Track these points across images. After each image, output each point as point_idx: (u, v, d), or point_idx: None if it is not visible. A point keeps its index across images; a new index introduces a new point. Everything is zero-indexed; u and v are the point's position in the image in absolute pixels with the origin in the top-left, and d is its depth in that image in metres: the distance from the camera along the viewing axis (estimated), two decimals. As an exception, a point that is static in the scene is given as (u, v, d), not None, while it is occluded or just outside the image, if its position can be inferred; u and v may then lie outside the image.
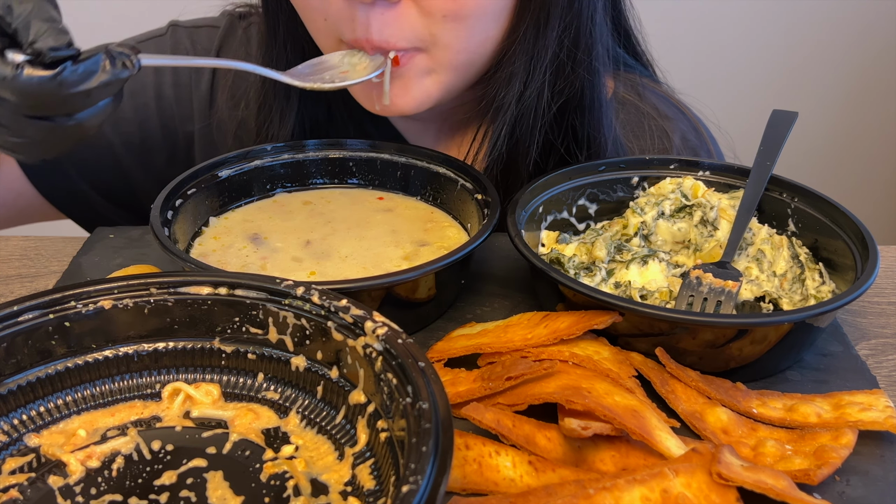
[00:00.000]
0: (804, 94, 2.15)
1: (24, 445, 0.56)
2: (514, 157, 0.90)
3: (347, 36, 0.81)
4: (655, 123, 0.99)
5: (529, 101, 0.86)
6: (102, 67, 0.61)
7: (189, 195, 0.81)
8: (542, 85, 0.85)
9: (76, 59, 0.61)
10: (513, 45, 0.84)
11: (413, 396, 0.50)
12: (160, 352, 0.61)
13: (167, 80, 1.03)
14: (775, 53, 2.11)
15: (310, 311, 0.58)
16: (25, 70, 0.59)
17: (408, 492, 0.43)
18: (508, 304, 0.78)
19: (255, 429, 0.58)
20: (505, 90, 0.86)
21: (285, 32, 0.92)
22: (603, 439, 0.58)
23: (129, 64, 0.63)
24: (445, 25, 0.80)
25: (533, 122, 0.87)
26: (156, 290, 0.60)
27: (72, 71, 0.60)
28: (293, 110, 0.95)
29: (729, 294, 0.70)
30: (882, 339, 0.74)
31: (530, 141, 0.88)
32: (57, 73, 0.60)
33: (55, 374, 0.59)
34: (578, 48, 0.85)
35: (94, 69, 0.61)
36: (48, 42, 0.60)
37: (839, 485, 0.57)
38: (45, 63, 0.60)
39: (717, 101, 1.08)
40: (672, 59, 1.08)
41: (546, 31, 0.83)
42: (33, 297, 0.58)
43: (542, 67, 0.85)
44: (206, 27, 1.06)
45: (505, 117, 0.87)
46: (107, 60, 0.62)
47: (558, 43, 0.84)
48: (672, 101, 1.04)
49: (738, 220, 0.76)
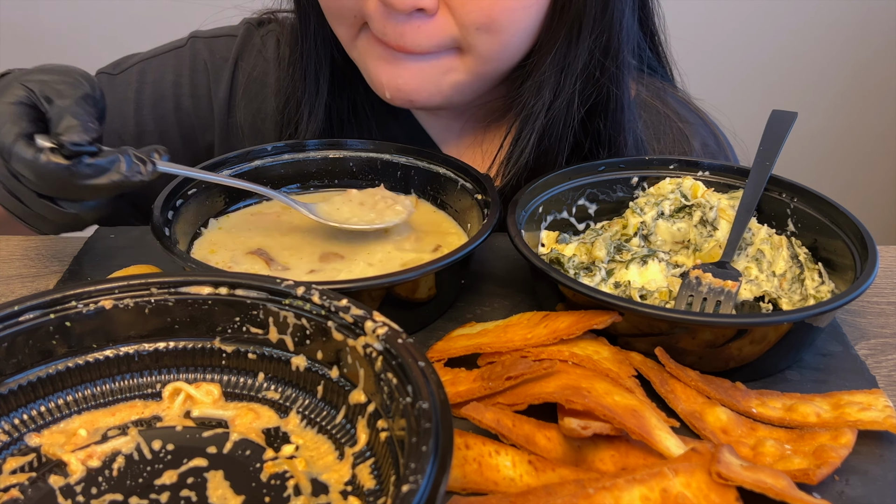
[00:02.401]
0: (804, 94, 2.15)
1: (25, 445, 0.56)
2: (541, 163, 0.90)
3: (377, 30, 0.82)
4: (676, 127, 0.99)
5: (559, 109, 0.87)
6: (116, 168, 0.69)
7: (190, 195, 0.81)
8: (572, 94, 0.86)
9: (95, 155, 0.69)
10: (544, 56, 0.84)
11: (413, 396, 0.50)
12: (161, 351, 0.61)
13: (185, 91, 1.05)
14: (775, 53, 2.11)
15: (310, 311, 0.59)
16: (46, 155, 0.68)
17: (408, 491, 0.43)
18: (508, 304, 0.78)
19: (255, 428, 0.58)
20: (535, 99, 0.86)
21: (315, 29, 0.93)
22: (603, 439, 0.58)
23: (144, 171, 0.70)
24: (479, 37, 0.81)
25: (562, 129, 0.88)
26: (156, 290, 0.60)
27: (86, 164, 0.68)
28: (322, 102, 0.96)
29: (728, 294, 0.70)
30: (881, 339, 0.74)
31: (559, 149, 0.89)
32: (72, 164, 0.68)
33: (56, 374, 0.59)
34: (608, 56, 0.86)
35: (107, 167, 0.69)
36: (72, 136, 0.68)
37: (838, 484, 0.57)
38: (64, 154, 0.68)
39: (717, 102, 1.08)
40: (677, 60, 1.09)
41: (578, 42, 0.84)
42: (34, 297, 0.58)
43: (572, 77, 0.85)
44: (224, 37, 1.07)
45: (534, 125, 0.87)
46: (122, 162, 0.69)
47: (589, 53, 0.85)
48: (691, 106, 1.05)
49: (738, 220, 0.76)
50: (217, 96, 1.05)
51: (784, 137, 0.83)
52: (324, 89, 0.96)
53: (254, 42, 1.05)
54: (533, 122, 0.87)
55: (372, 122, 0.99)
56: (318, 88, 0.96)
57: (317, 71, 0.95)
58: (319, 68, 0.95)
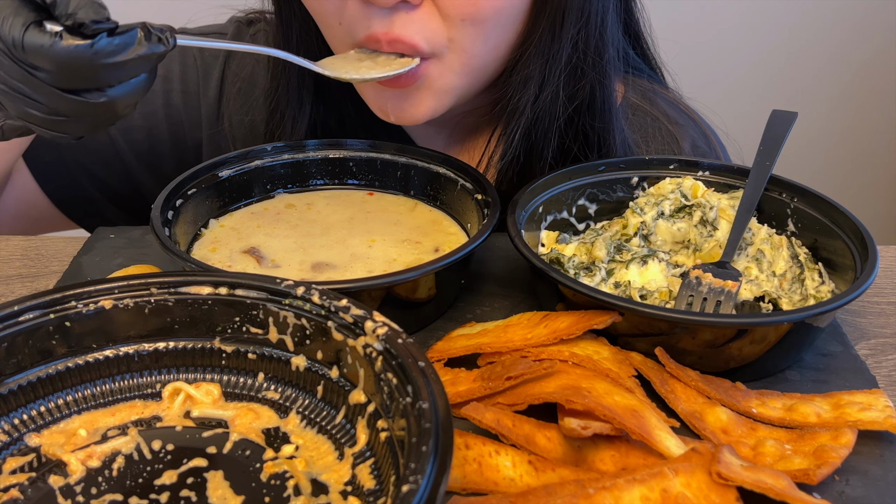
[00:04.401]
0: (804, 94, 2.15)
1: (25, 445, 0.56)
2: (529, 159, 0.90)
3: (361, 34, 0.81)
4: (665, 129, 0.99)
5: (544, 104, 0.86)
6: (138, 41, 0.62)
7: (189, 195, 0.81)
8: (556, 88, 0.86)
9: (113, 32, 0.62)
10: (528, 49, 0.84)
11: (413, 396, 0.50)
12: (160, 352, 0.61)
13: (175, 87, 1.04)
14: (774, 53, 2.10)
15: (310, 311, 0.58)
16: (64, 39, 0.60)
17: (408, 491, 0.43)
18: (508, 304, 0.78)
19: (255, 428, 0.58)
20: (520, 94, 0.86)
21: (298, 38, 0.92)
22: (603, 439, 0.58)
23: (165, 41, 0.64)
24: (464, 29, 0.80)
25: (548, 124, 0.88)
26: (156, 290, 0.60)
27: (108, 42, 0.61)
28: (305, 116, 0.95)
29: (729, 294, 0.70)
30: (881, 339, 0.74)
31: (545, 143, 0.89)
32: (93, 43, 0.60)
33: (55, 374, 0.59)
34: (591, 51, 0.86)
35: (130, 42, 0.62)
36: (88, 14, 0.60)
37: (839, 484, 0.57)
38: (83, 34, 0.60)
39: (716, 102, 1.08)
40: (667, 60, 1.08)
41: (561, 33, 0.83)
42: (34, 297, 0.58)
43: (557, 70, 0.85)
44: (213, 34, 1.06)
45: (520, 121, 0.87)
46: (143, 34, 0.62)
47: (573, 45, 0.84)
48: (681, 107, 1.05)
49: (738, 220, 0.76)
50: (206, 94, 1.04)
51: (784, 137, 0.83)
52: (307, 102, 0.94)
53: (244, 40, 1.05)
54: (519, 118, 0.87)
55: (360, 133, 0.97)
56: (302, 102, 0.94)
57: (300, 85, 0.94)
58: (303, 82, 0.94)
